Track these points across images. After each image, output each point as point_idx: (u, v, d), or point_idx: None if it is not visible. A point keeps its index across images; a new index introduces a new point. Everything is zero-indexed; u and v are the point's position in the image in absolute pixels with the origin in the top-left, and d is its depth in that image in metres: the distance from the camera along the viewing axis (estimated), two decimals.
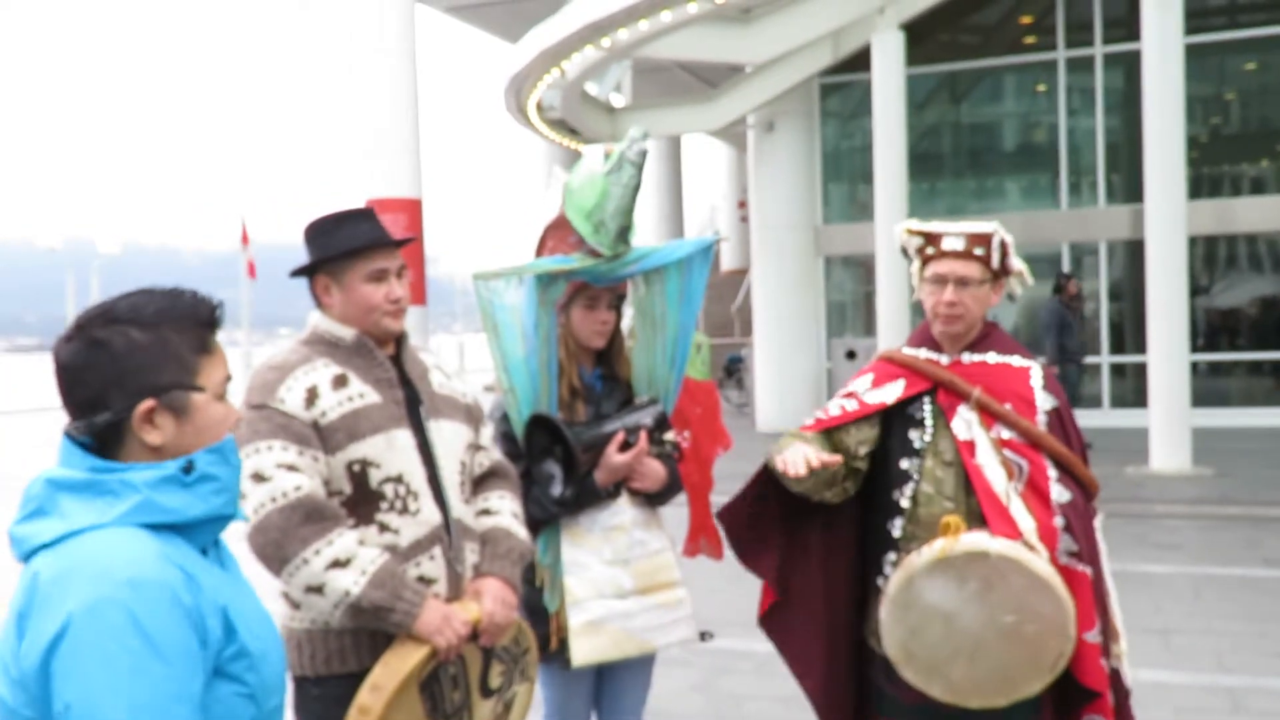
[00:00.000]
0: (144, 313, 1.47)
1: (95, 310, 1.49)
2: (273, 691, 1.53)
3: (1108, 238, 14.13)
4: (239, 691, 1.46)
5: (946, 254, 2.57)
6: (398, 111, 10.70)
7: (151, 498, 1.43)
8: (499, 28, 17.52)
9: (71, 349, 1.47)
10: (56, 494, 1.44)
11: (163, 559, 1.39)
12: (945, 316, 2.58)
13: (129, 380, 1.45)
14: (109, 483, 1.43)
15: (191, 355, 1.50)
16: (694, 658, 5.04)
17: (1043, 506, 2.46)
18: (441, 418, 2.41)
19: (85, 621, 1.32)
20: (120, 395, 1.45)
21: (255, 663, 1.48)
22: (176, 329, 1.49)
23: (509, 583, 2.40)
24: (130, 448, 1.47)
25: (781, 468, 2.42)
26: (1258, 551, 7.19)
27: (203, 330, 1.52)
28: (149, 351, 1.46)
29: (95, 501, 1.42)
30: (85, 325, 1.47)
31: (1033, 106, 15.15)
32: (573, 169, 2.88)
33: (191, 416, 1.49)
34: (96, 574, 1.35)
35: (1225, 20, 14.24)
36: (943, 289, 2.57)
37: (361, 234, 2.34)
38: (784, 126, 14.84)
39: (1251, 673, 4.84)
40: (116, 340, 1.45)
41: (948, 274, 2.56)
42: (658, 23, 10.91)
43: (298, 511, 2.14)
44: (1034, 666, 2.35)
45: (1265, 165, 14.27)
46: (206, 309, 1.53)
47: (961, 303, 2.56)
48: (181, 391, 1.48)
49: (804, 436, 2.59)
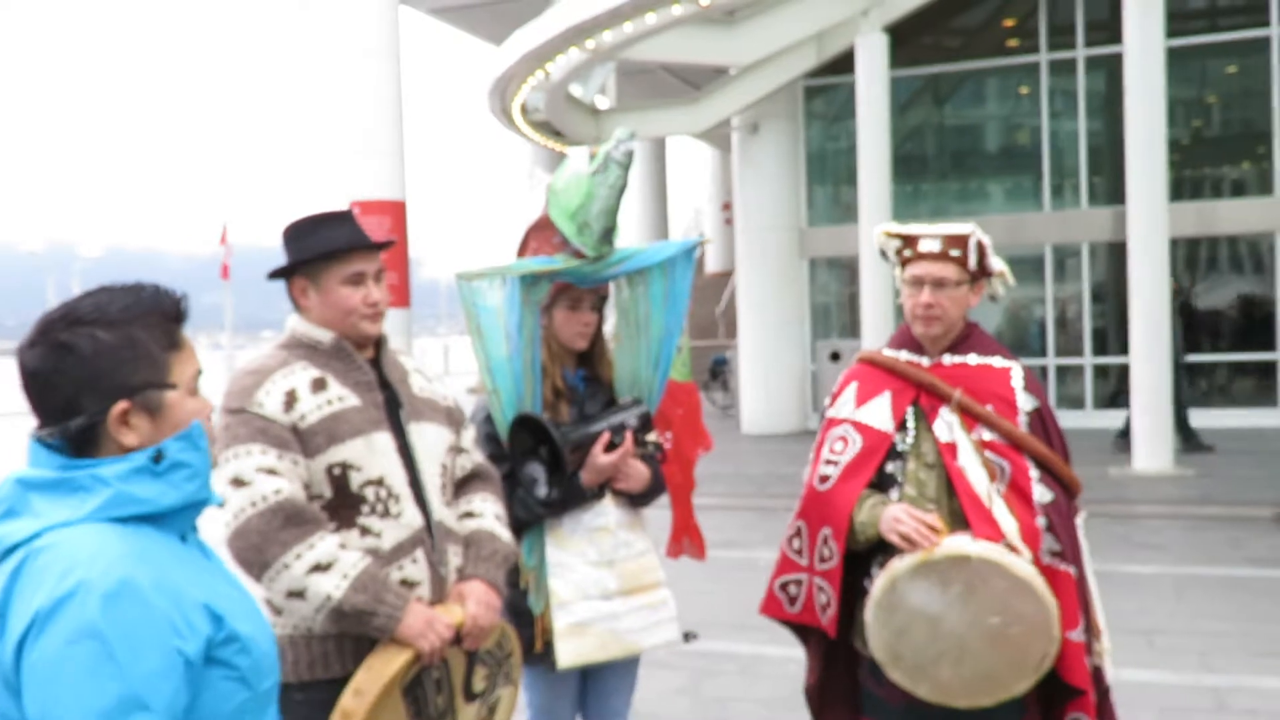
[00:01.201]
0: (109, 312, 1.44)
1: (57, 313, 1.45)
2: (265, 674, 1.51)
3: (1090, 239, 14.20)
4: (229, 675, 1.44)
5: (923, 256, 2.58)
6: (382, 113, 10.67)
7: (123, 490, 1.41)
8: (483, 30, 17.50)
9: (37, 354, 1.43)
10: (27, 493, 1.42)
11: (130, 557, 1.37)
12: (923, 318, 2.59)
13: (100, 383, 1.42)
14: (79, 479, 1.41)
15: (161, 352, 1.47)
16: (679, 660, 5.03)
17: (1025, 507, 2.46)
18: (422, 420, 2.40)
19: (48, 620, 1.31)
20: (93, 399, 1.42)
21: (246, 645, 1.47)
22: (143, 326, 1.46)
23: (493, 585, 2.38)
24: (106, 449, 1.45)
25: (913, 538, 2.38)
26: (1241, 551, 7.23)
27: (170, 325, 1.50)
28: (118, 352, 1.43)
29: (67, 499, 1.41)
30: (48, 329, 1.44)
31: (1016, 109, 15.21)
32: (556, 170, 2.87)
33: (166, 414, 1.47)
34: (62, 572, 1.33)
35: (1206, 23, 14.33)
36: (920, 290, 2.57)
37: (339, 236, 2.32)
38: (768, 129, 14.86)
39: (1235, 672, 4.87)
40: (83, 343, 1.42)
41: (924, 276, 2.57)
42: (642, 25, 10.91)
43: (278, 516, 2.13)
44: (1019, 667, 2.35)
45: (1246, 167, 14.36)
46: (171, 303, 1.50)
47: (939, 304, 2.56)
48: (155, 390, 1.46)
49: (876, 499, 2.52)
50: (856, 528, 2.50)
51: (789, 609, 2.64)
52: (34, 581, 1.34)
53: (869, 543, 2.50)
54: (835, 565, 2.53)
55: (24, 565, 1.36)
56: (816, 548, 2.57)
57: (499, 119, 14.70)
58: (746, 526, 8.45)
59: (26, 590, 1.34)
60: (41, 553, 1.36)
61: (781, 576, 2.66)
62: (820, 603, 2.57)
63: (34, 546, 1.37)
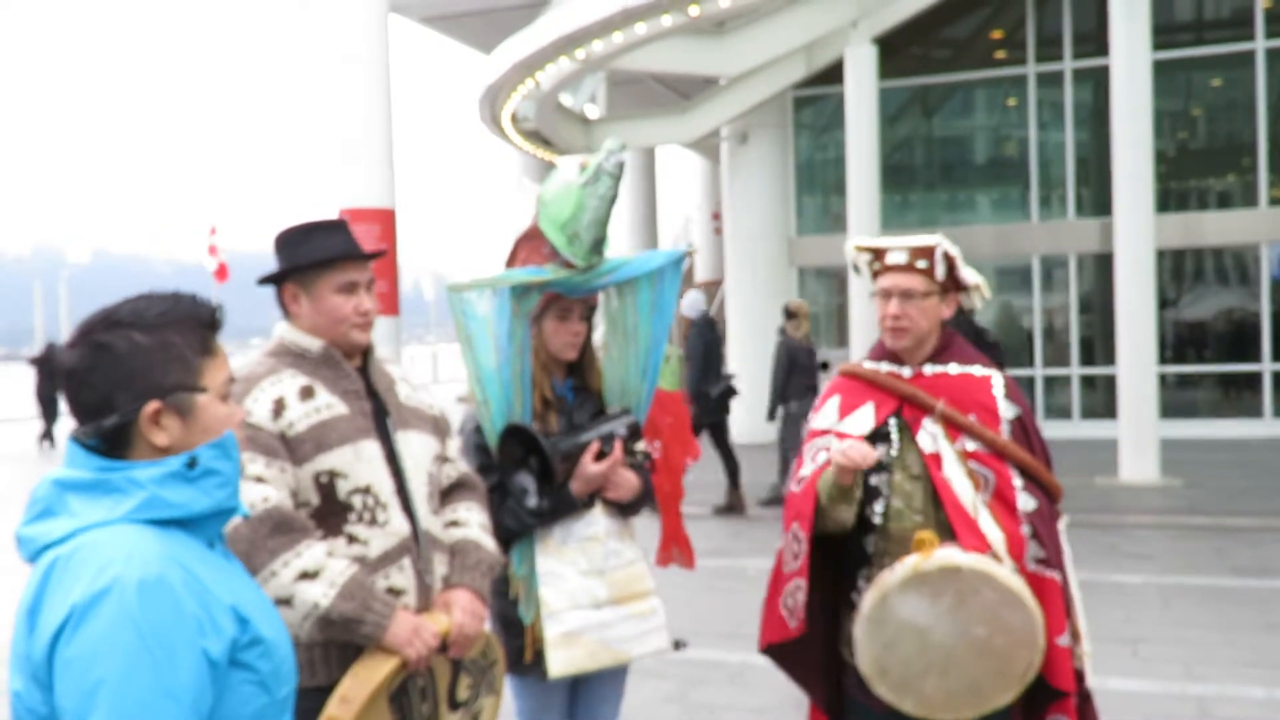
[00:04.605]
0: (146, 316, 1.51)
1: (98, 315, 1.52)
2: (284, 680, 1.55)
3: (1077, 250, 14.28)
4: (250, 679, 1.48)
5: (890, 268, 2.59)
6: (371, 121, 10.66)
7: (157, 494, 1.46)
8: (474, 38, 17.53)
9: (76, 354, 1.49)
10: (64, 494, 1.47)
11: (164, 558, 1.42)
12: (891, 330, 2.60)
13: (134, 382, 1.48)
14: (115, 480, 1.46)
15: (194, 356, 1.53)
16: (668, 668, 5.03)
17: (1009, 516, 2.48)
18: (409, 429, 2.41)
19: (84, 614, 1.35)
20: (126, 397, 1.47)
21: (269, 649, 1.51)
22: (179, 331, 1.52)
23: (478, 594, 2.39)
24: (138, 449, 1.50)
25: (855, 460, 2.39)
26: (1226, 561, 7.27)
27: (204, 332, 1.56)
28: (152, 353, 1.49)
29: (103, 499, 1.45)
30: (89, 330, 1.50)
31: (1003, 120, 15.30)
32: (545, 180, 2.87)
33: (196, 417, 1.52)
34: (99, 568, 1.38)
35: (1192, 37, 14.45)
36: (888, 302, 2.59)
37: (334, 245, 2.34)
38: (758, 139, 14.92)
39: (1219, 681, 4.89)
40: (120, 343, 1.48)
41: (891, 288, 2.58)
42: (632, 35, 10.94)
43: (266, 523, 2.13)
44: (1004, 678, 2.36)
45: (1231, 180, 14.46)
46: (207, 311, 1.56)
47: (906, 315, 2.57)
48: (186, 392, 1.51)
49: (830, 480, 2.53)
50: (820, 497, 2.49)
51: (790, 624, 2.58)
52: (70, 578, 1.38)
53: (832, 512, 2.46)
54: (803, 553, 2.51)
55: (58, 563, 1.41)
56: (788, 546, 2.58)
57: (489, 127, 14.73)
58: (734, 535, 8.46)
59: (62, 587, 1.38)
60: (77, 551, 1.41)
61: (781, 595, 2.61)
62: (799, 601, 2.55)
63: (69, 546, 1.42)
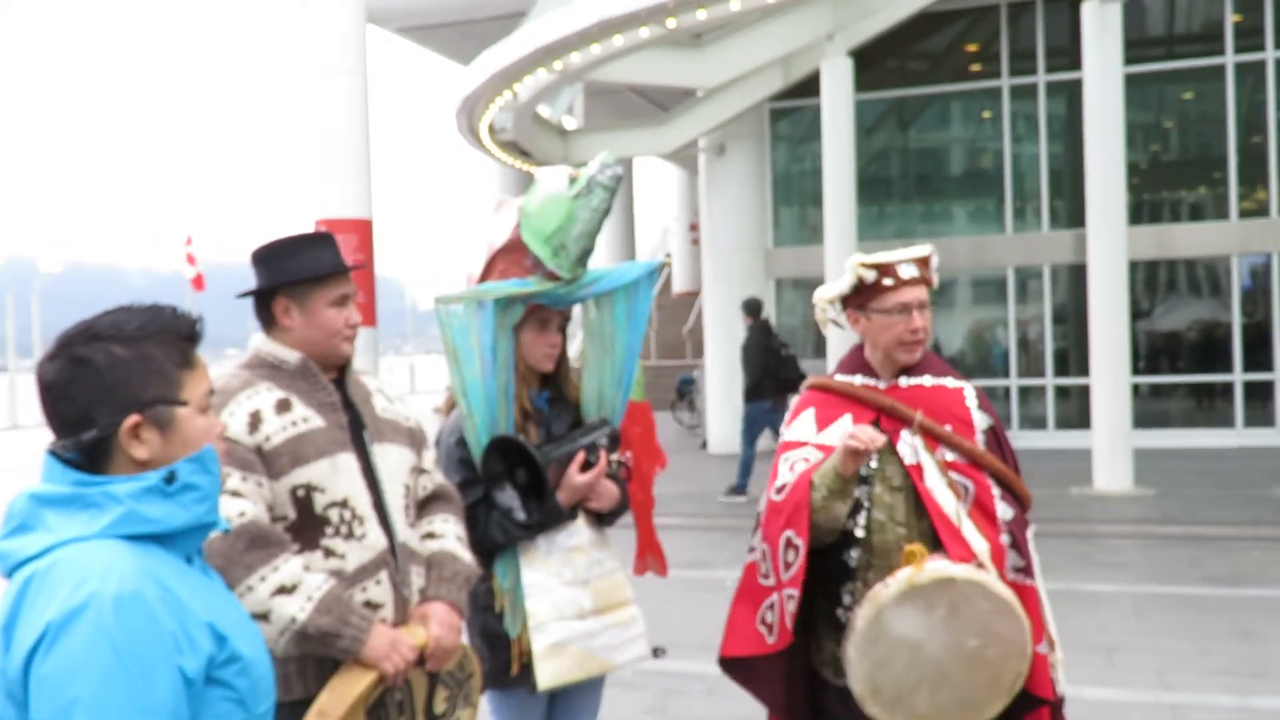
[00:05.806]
0: (125, 329, 1.49)
1: (77, 329, 1.50)
2: (262, 697, 1.54)
3: (1051, 262, 14.39)
4: (228, 696, 1.47)
5: (906, 282, 2.57)
6: (348, 131, 10.63)
7: (135, 509, 1.45)
8: (451, 49, 17.50)
9: (55, 367, 1.48)
10: (41, 509, 1.45)
11: (141, 574, 1.40)
12: (911, 343, 2.59)
13: (114, 396, 1.46)
14: (92, 495, 1.44)
15: (174, 369, 1.52)
16: (645, 680, 5.03)
17: (990, 525, 2.49)
18: (385, 442, 2.40)
19: (59, 631, 1.34)
20: (106, 411, 1.46)
21: (247, 667, 1.50)
22: (158, 344, 1.51)
23: (455, 606, 2.38)
24: (118, 463, 1.48)
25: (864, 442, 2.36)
26: (1199, 570, 7.33)
27: (184, 344, 1.55)
28: (132, 367, 1.48)
29: (80, 514, 1.44)
30: (67, 343, 1.49)
31: (978, 133, 15.42)
32: (528, 192, 2.87)
33: (176, 430, 1.51)
34: (75, 584, 1.36)
35: (1164, 51, 14.61)
36: (909, 317, 2.57)
37: (328, 259, 2.38)
38: (735, 150, 14.97)
39: (1192, 690, 4.92)
40: (99, 357, 1.47)
41: (912, 301, 2.57)
42: (610, 46, 10.96)
43: (242, 538, 2.12)
44: (994, 689, 2.37)
45: (1203, 192, 14.63)
46: (186, 324, 1.55)
47: (925, 327, 2.60)
48: (165, 406, 1.50)
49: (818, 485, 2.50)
50: (814, 491, 2.44)
51: (769, 640, 2.53)
52: (46, 594, 1.37)
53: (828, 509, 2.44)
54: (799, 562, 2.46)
55: (34, 578, 1.39)
56: (780, 556, 2.51)
57: (466, 138, 14.70)
58: (712, 546, 8.46)
59: (37, 603, 1.37)
60: (53, 567, 1.39)
61: (758, 610, 2.57)
62: (789, 611, 2.49)
63: (46, 561, 1.40)
